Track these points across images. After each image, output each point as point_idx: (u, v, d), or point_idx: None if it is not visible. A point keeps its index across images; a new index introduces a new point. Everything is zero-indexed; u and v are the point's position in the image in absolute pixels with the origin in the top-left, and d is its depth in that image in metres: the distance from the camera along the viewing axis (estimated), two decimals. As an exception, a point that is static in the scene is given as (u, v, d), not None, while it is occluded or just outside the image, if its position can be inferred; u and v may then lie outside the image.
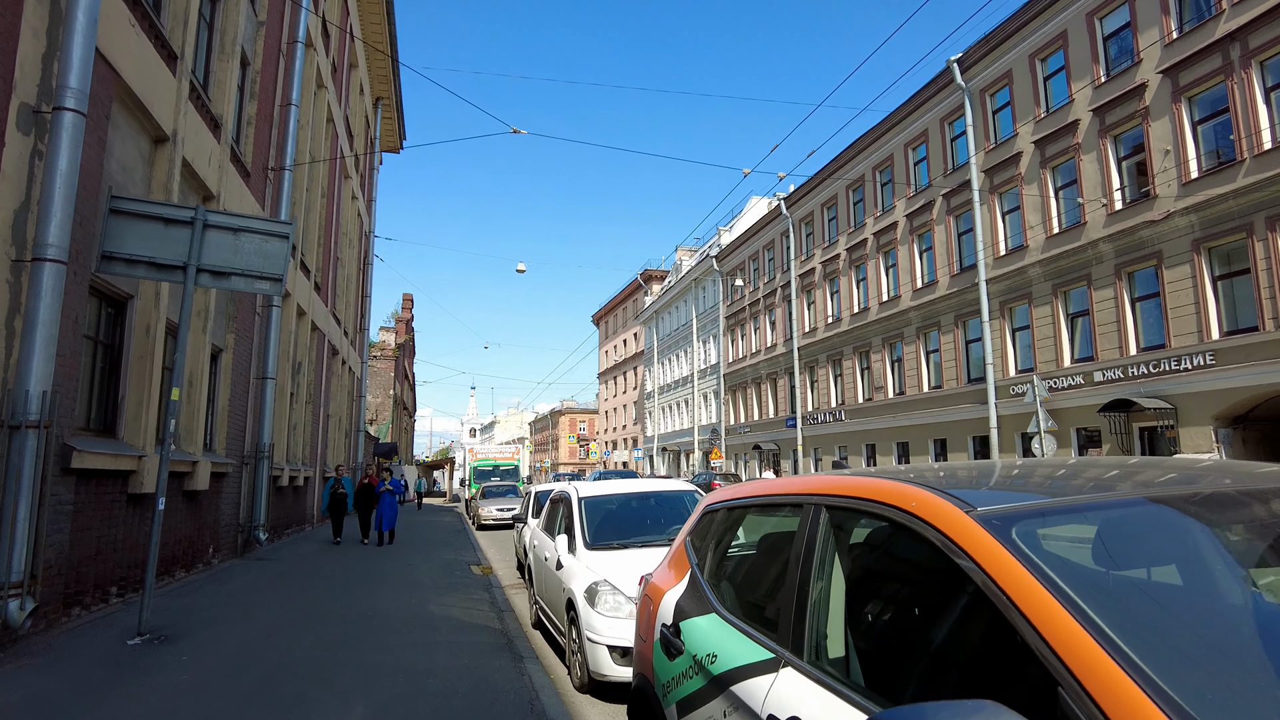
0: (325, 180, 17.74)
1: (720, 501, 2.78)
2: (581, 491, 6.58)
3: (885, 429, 27.27)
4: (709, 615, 2.32)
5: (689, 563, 2.72)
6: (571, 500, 6.49)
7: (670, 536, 5.99)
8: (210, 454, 9.81)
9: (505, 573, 11.73)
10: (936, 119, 25.36)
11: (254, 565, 10.40)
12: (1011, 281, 21.70)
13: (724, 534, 2.65)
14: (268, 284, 6.28)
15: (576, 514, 6.22)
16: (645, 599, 2.96)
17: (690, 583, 2.59)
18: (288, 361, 14.04)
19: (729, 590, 2.39)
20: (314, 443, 17.43)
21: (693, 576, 2.60)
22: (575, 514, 6.24)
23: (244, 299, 11.07)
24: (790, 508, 2.19)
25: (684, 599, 2.54)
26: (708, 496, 3.06)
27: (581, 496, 6.47)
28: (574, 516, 6.22)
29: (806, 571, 1.89)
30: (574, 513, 6.27)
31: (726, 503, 2.71)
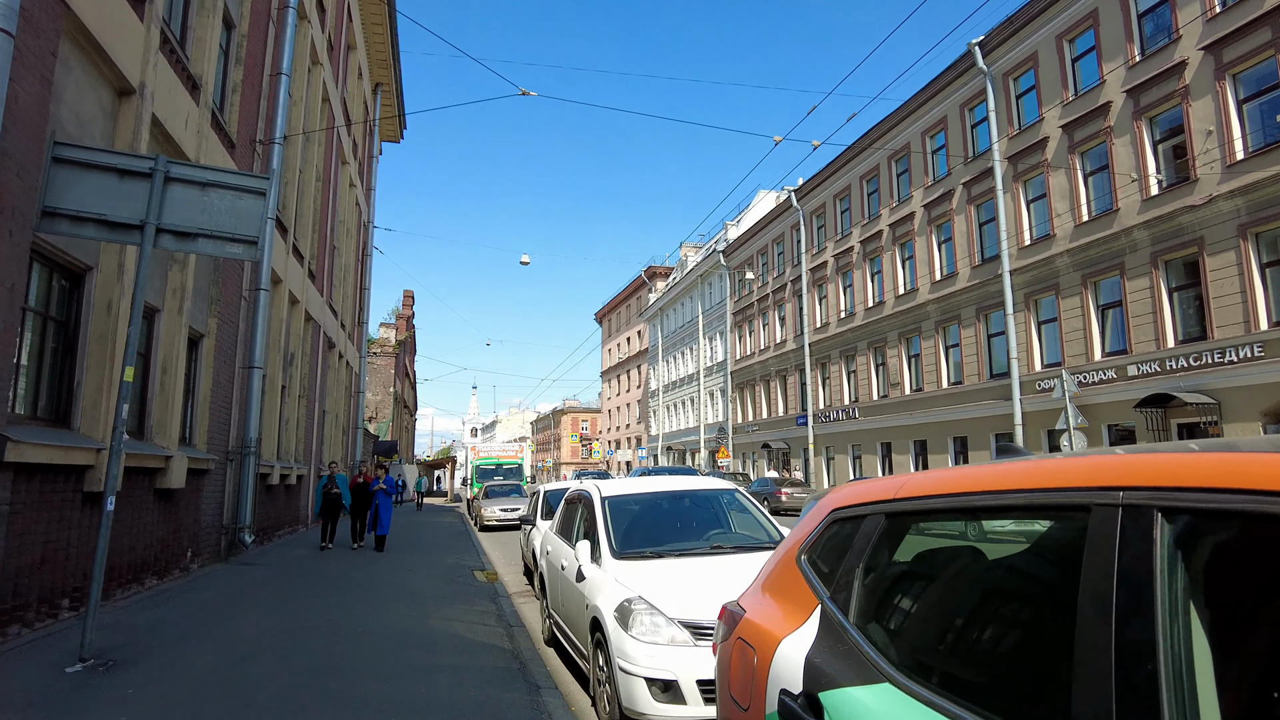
0: (320, 163, 16.86)
1: (868, 504, 1.85)
2: (604, 490, 5.69)
3: (902, 426, 26.37)
4: (877, 687, 1.43)
5: (814, 595, 1.82)
6: (593, 501, 5.60)
7: (713, 543, 5.10)
8: (188, 449, 8.93)
9: (512, 578, 10.84)
10: (956, 105, 24.45)
11: (237, 571, 9.52)
12: (1037, 272, 20.79)
13: (880, 553, 1.74)
14: (240, 247, 5.39)
15: (600, 517, 5.33)
16: (740, 645, 2.05)
17: (826, 629, 1.69)
18: (278, 352, 13.16)
19: (911, 647, 1.49)
20: (308, 439, 16.55)
21: (827, 619, 1.71)
22: (598, 517, 5.35)
23: (229, 280, 10.19)
24: (1046, 512, 1.32)
25: (819, 654, 1.64)
26: (831, 497, 2.16)
27: (605, 496, 5.58)
28: (597, 520, 5.33)
29: (1119, 623, 1.02)
30: (597, 516, 5.38)
31: (882, 506, 1.79)
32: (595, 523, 5.33)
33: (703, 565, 4.71)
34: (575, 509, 6.22)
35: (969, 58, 23.28)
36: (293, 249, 13.89)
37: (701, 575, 4.55)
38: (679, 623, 4.10)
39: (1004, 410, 21.64)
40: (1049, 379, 20.09)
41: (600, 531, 5.18)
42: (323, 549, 12.17)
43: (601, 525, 5.23)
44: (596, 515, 5.38)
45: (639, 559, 4.86)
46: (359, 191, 23.19)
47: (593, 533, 5.33)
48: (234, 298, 10.49)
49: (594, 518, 5.42)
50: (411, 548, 13.15)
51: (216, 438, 9.97)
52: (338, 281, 20.24)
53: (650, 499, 5.72)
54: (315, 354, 17.00)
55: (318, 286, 16.88)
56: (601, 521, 5.27)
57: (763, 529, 5.46)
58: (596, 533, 5.23)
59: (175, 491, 8.23)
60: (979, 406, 22.83)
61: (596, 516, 5.37)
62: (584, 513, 5.89)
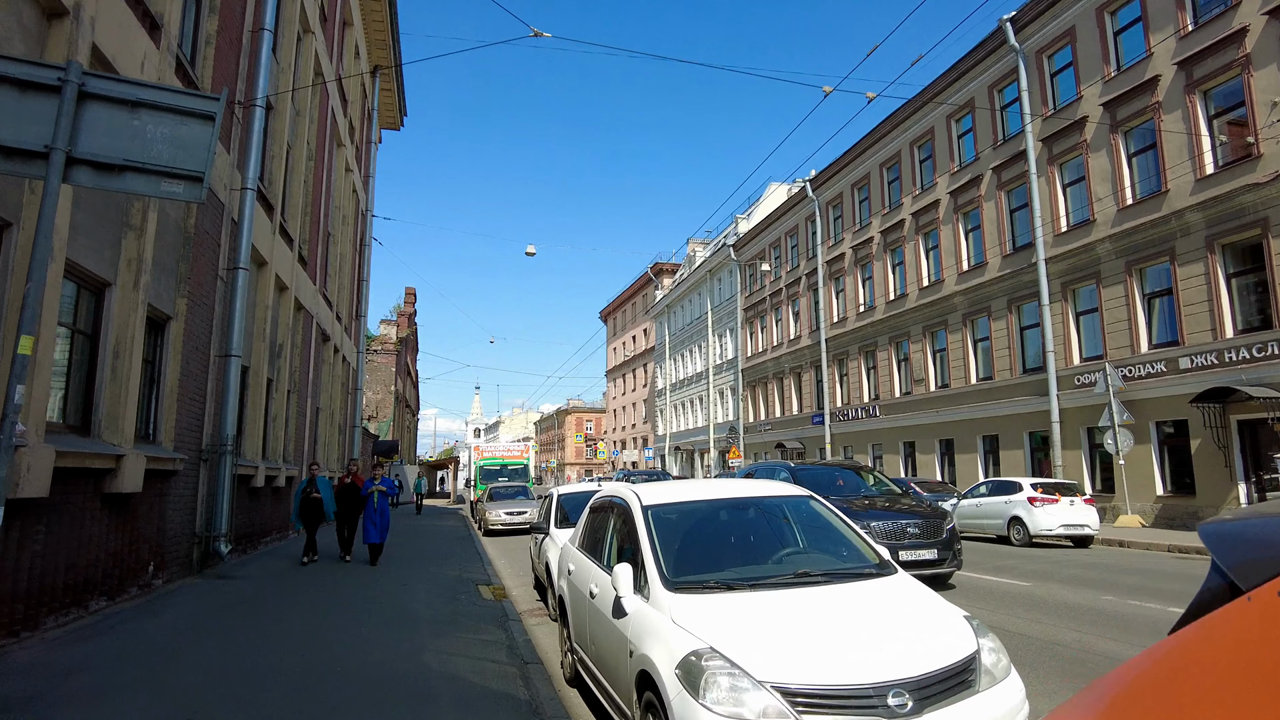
0: (313, 141, 15.69)
1: None
2: (645, 497, 4.48)
3: (926, 425, 25.12)
4: None
5: None
6: (631, 511, 4.39)
7: (797, 570, 3.88)
8: (149, 446, 7.75)
9: (521, 593, 9.65)
10: (984, 86, 23.20)
11: (209, 588, 8.33)
12: (1075, 260, 19.54)
13: None
14: (181, 185, 4.19)
15: (643, 533, 4.12)
16: None
17: None
18: (263, 342, 11.98)
19: None
20: (300, 438, 15.37)
21: None
22: (641, 532, 4.14)
23: (202, 256, 9.01)
24: None
25: None
26: None
27: (647, 505, 4.37)
28: (639, 536, 4.12)
29: None
30: (639, 530, 4.17)
31: None
32: (637, 540, 4.12)
33: (790, 601, 3.51)
34: (605, 519, 5.01)
35: (999, 35, 22.05)
36: (280, 229, 12.71)
37: (791, 615, 3.35)
38: (772, 687, 2.90)
39: (1039, 407, 20.40)
40: (1089, 373, 18.86)
41: (645, 552, 3.97)
42: (304, 563, 10.56)
43: (646, 544, 4.02)
44: (638, 530, 4.17)
45: (700, 591, 3.64)
46: (356, 177, 22.04)
47: (634, 553, 4.12)
48: (208, 277, 9.30)
49: (634, 533, 4.21)
50: (409, 557, 11.94)
51: (187, 434, 8.79)
52: (333, 271, 19.08)
53: (706, 510, 4.50)
54: (308, 347, 15.84)
55: (310, 274, 15.71)
56: (646, 538, 4.06)
57: (854, 549, 4.25)
58: (640, 553, 4.02)
59: (131, 496, 7.05)
60: (1011, 403, 21.59)
61: (638, 532, 4.16)
62: (618, 525, 4.68)
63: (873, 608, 3.50)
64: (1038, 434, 20.97)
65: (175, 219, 8.44)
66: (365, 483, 10.87)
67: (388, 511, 10.86)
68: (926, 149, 26.05)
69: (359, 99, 22.52)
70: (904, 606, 3.54)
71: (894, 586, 3.78)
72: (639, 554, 4.03)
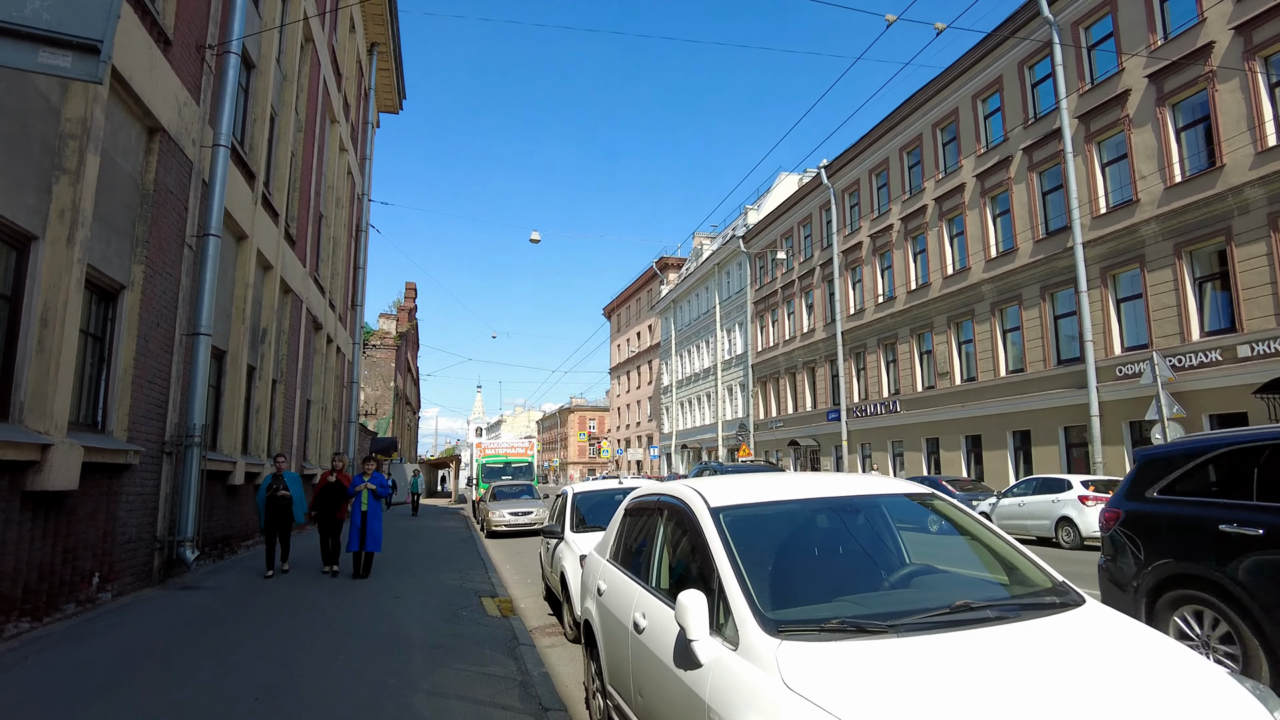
0: (303, 111, 14.51)
1: None
2: (713, 497, 3.26)
3: (951, 420, 23.89)
4: None
5: None
6: (697, 518, 3.17)
7: (957, 601, 2.64)
8: (93, 436, 6.57)
9: (530, 605, 8.47)
10: (1014, 63, 21.97)
11: (168, 601, 7.15)
12: (1116, 243, 18.31)
13: None
14: (69, 57, 3.02)
15: (718, 547, 2.90)
16: None
17: None
18: (243, 323, 10.80)
19: None
20: (288, 432, 14.19)
21: None
22: (715, 547, 2.92)
23: (164, 217, 7.81)
24: None
25: None
26: None
27: (717, 508, 3.15)
28: (714, 553, 2.90)
29: None
30: (711, 545, 2.95)
31: None
32: (709, 557, 2.91)
33: (957, 651, 2.32)
34: (650, 525, 3.81)
35: (1032, 7, 20.81)
36: (263, 200, 11.52)
37: (968, 677, 2.17)
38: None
39: (1076, 400, 19.19)
40: (1132, 363, 17.65)
41: (724, 575, 2.76)
42: (267, 577, 8.82)
43: (725, 562, 2.81)
44: (709, 543, 2.96)
45: (818, 635, 2.44)
46: (351, 158, 20.85)
47: (704, 574, 2.92)
48: (172, 243, 8.11)
49: (703, 547, 3.01)
50: (404, 563, 10.75)
51: (146, 423, 7.61)
52: (325, 255, 17.90)
53: (800, 514, 3.27)
54: (297, 334, 14.65)
55: (299, 255, 14.53)
56: (723, 555, 2.85)
57: (1014, 566, 3.04)
58: (716, 576, 2.81)
59: (65, 495, 5.87)
60: (1044, 397, 20.36)
61: (710, 545, 2.94)
62: (671, 534, 3.49)
63: (1083, 662, 2.29)
64: (1074, 429, 19.76)
65: (130, 172, 7.26)
66: (353, 480, 9.20)
67: (380, 515, 9.16)
68: (950, 131, 24.82)
69: (354, 76, 21.34)
70: (1128, 659, 2.34)
71: (1096, 624, 2.58)
72: (714, 577, 2.82)
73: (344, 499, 9.16)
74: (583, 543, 6.85)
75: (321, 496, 9.31)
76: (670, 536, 3.55)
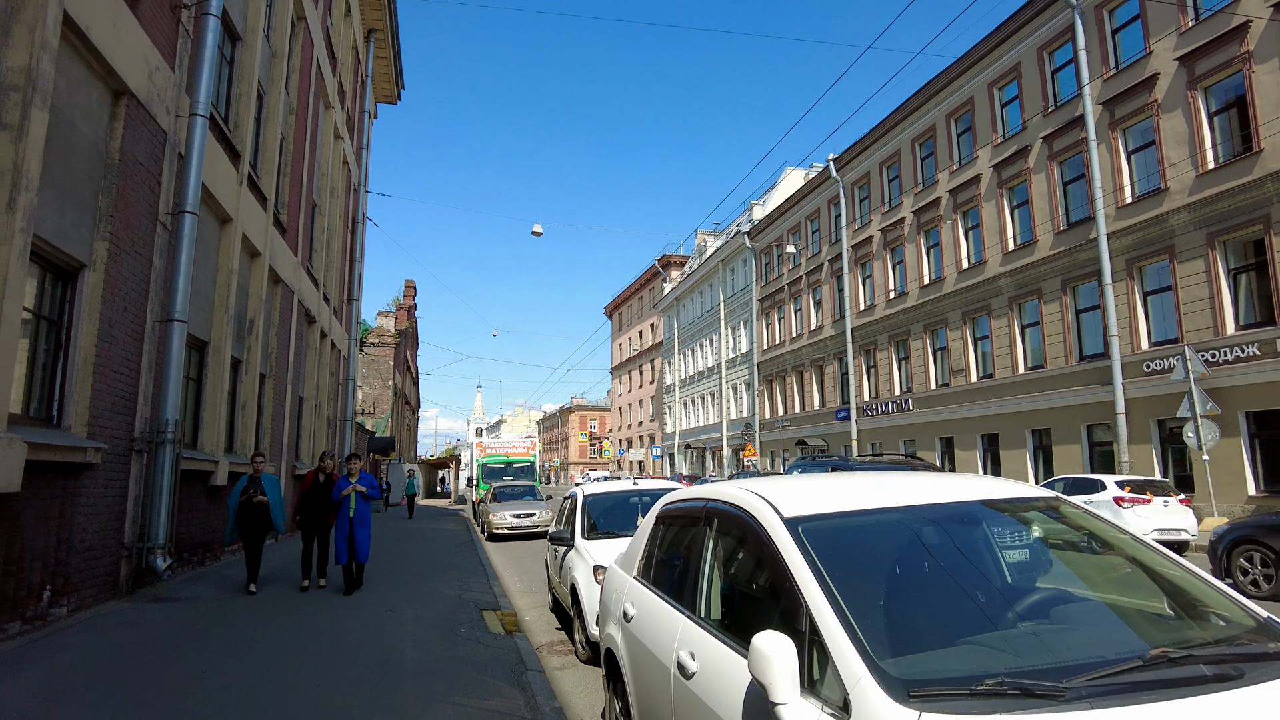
0: (295, 92, 13.78)
1: None
2: (786, 505, 2.49)
3: (967, 419, 23.14)
4: None
5: None
6: (768, 534, 2.41)
7: (1152, 651, 1.89)
8: (43, 431, 5.83)
9: (535, 617, 7.74)
10: (1032, 49, 21.23)
11: (131, 617, 6.41)
12: (1143, 234, 17.57)
13: None
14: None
15: (805, 575, 2.14)
16: None
17: None
18: (227, 312, 10.05)
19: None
20: (278, 430, 13.45)
21: None
22: (801, 575, 2.15)
23: (132, 190, 7.07)
24: None
25: None
26: None
27: (793, 519, 2.40)
28: (800, 582, 2.14)
29: None
30: (795, 572, 2.18)
31: None
32: (792, 587, 2.15)
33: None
34: (697, 538, 3.06)
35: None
36: (249, 182, 10.79)
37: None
38: None
39: (1100, 397, 18.45)
40: (1161, 358, 16.92)
41: (818, 614, 2.01)
42: (250, 593, 7.81)
43: (817, 597, 2.05)
44: (790, 568, 2.21)
45: (977, 706, 1.69)
46: (347, 147, 20.11)
47: (788, 611, 2.17)
48: (142, 220, 7.37)
49: (780, 571, 2.26)
50: (399, 571, 10.01)
51: (111, 418, 6.87)
52: (319, 246, 17.16)
53: (897, 524, 2.50)
54: (288, 327, 13.91)
55: (290, 243, 13.79)
56: (813, 586, 2.08)
57: (1192, 595, 2.29)
58: (804, 614, 2.06)
59: (5, 498, 5.13)
60: (1066, 394, 19.62)
61: (791, 571, 2.19)
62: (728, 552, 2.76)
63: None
64: (1098, 427, 19.02)
65: (91, 137, 6.51)
66: (340, 482, 8.05)
67: (368, 520, 8.07)
68: (965, 120, 24.07)
69: (351, 62, 20.61)
70: None
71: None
72: (800, 613, 2.08)
73: (329, 503, 8.17)
74: (596, 551, 6.12)
75: (308, 499, 8.22)
76: (723, 554, 2.81)
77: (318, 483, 8.34)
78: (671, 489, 7.89)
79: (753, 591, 2.50)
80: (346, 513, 7.94)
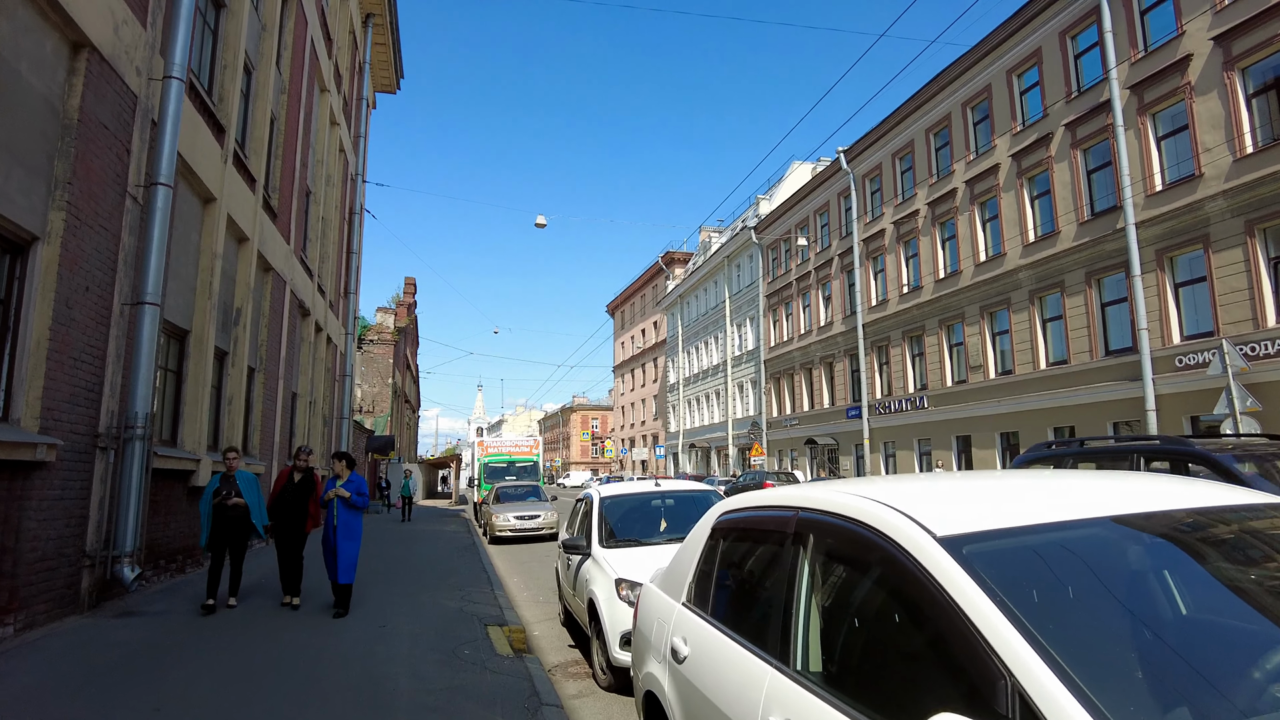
0: (287, 72, 13.04)
1: None
2: (937, 519, 1.72)
3: (984, 417, 22.37)
4: None
5: None
6: (915, 562, 1.65)
7: None
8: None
9: (545, 628, 6.99)
10: (1054, 33, 20.46)
11: (91, 635, 5.66)
12: (1175, 222, 16.80)
13: None
14: None
15: (1007, 634, 1.39)
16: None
17: None
18: (210, 299, 9.30)
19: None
20: (269, 427, 12.70)
21: None
22: (994, 630, 1.41)
23: (93, 154, 6.31)
24: None
25: None
26: None
27: (950, 537, 1.63)
28: (992, 640, 1.39)
29: None
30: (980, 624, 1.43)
31: None
32: (976, 642, 1.40)
33: None
34: (781, 560, 2.30)
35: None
36: (235, 160, 10.05)
37: None
38: None
39: (1128, 393, 17.68)
40: (1195, 353, 16.15)
41: (1032, 687, 1.25)
42: (206, 609, 6.71)
43: (1025, 658, 1.30)
44: (968, 613, 1.44)
45: None
46: (344, 133, 19.36)
47: (976, 683, 1.40)
48: (108, 190, 6.61)
49: (949, 617, 1.50)
50: (395, 578, 9.25)
51: (70, 411, 6.12)
52: (314, 236, 16.41)
53: (1105, 544, 1.74)
54: (279, 318, 13.17)
55: (282, 231, 13.04)
56: (1015, 642, 1.32)
57: None
58: (1005, 685, 1.31)
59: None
60: (1091, 390, 18.85)
61: (971, 618, 1.43)
62: (835, 582, 2.01)
63: None
64: (1125, 424, 18.25)
65: (43, 92, 5.77)
66: (326, 485, 6.94)
67: (358, 529, 6.86)
68: (982, 109, 23.30)
69: (348, 47, 19.86)
70: None
71: None
72: (1005, 690, 1.32)
73: (305, 503, 7.11)
74: (618, 562, 5.37)
75: (281, 503, 7.14)
76: (828, 584, 2.05)
77: (292, 482, 7.20)
78: (701, 490, 7.14)
79: (885, 640, 1.74)
80: (330, 522, 6.81)
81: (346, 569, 6.78)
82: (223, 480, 7.02)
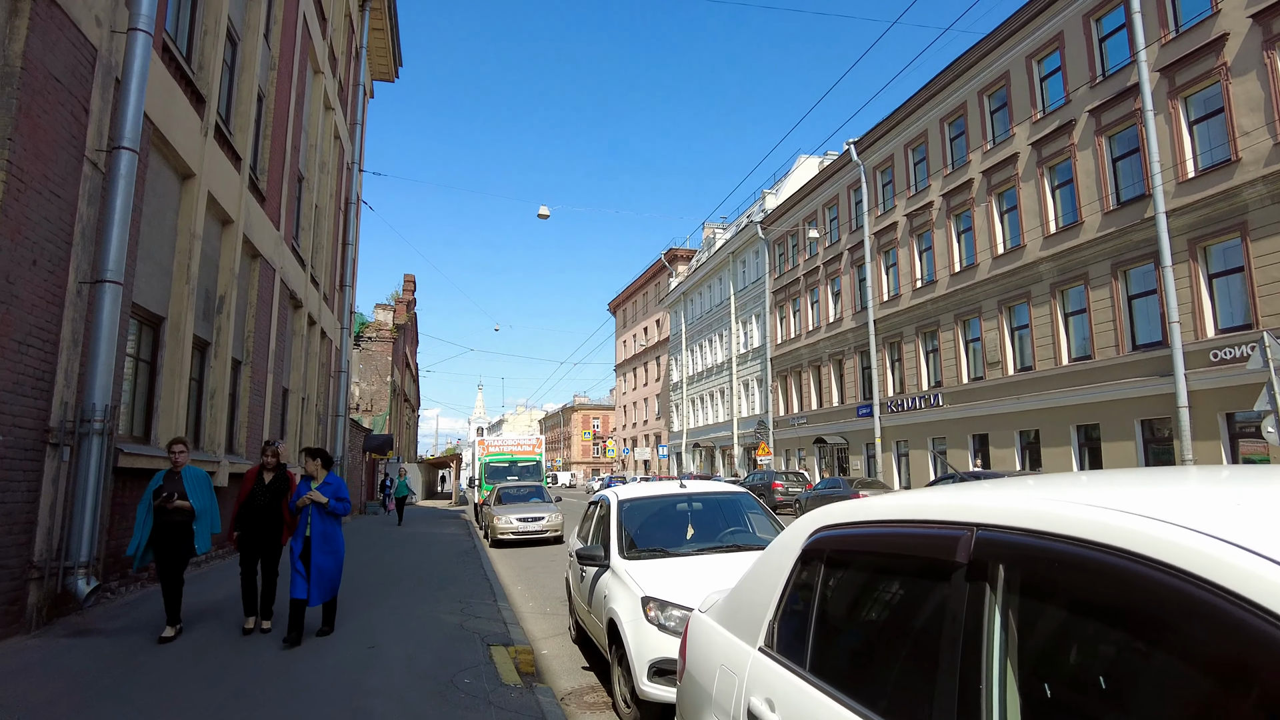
0: (276, 48, 12.27)
1: None
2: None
3: (1003, 414, 21.60)
4: None
5: None
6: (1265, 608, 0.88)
7: None
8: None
9: (554, 646, 6.23)
10: (1076, 17, 19.70)
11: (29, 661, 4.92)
12: (1209, 210, 16.04)
13: None
14: None
15: None
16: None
17: None
18: (187, 283, 8.54)
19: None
20: (256, 425, 11.93)
21: None
22: None
23: (41, 106, 5.56)
24: None
25: None
26: None
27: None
28: None
29: None
30: None
31: None
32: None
33: None
34: (952, 600, 1.53)
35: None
36: (216, 134, 9.28)
37: None
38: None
39: (1157, 389, 16.91)
40: (1231, 346, 15.39)
41: None
42: (163, 640, 5.54)
43: None
44: None
45: None
46: (340, 119, 18.59)
47: None
48: (61, 153, 5.85)
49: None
50: (388, 587, 8.48)
51: (10, 402, 5.36)
52: (306, 223, 15.64)
53: None
54: (268, 308, 12.40)
55: (270, 215, 12.27)
56: None
57: None
58: None
59: None
60: (1117, 387, 18.08)
61: None
62: (1041, 637, 1.22)
63: None
64: (1154, 422, 17.49)
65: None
66: (299, 487, 5.75)
67: (339, 542, 5.81)
68: (999, 97, 22.53)
69: (344, 30, 19.09)
70: None
71: None
72: None
73: (277, 509, 5.89)
74: (645, 578, 4.60)
75: (248, 509, 5.92)
76: (1045, 646, 1.27)
77: (261, 483, 5.97)
78: (731, 493, 6.31)
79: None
80: (303, 532, 5.66)
81: (327, 583, 5.69)
82: (166, 478, 5.71)
